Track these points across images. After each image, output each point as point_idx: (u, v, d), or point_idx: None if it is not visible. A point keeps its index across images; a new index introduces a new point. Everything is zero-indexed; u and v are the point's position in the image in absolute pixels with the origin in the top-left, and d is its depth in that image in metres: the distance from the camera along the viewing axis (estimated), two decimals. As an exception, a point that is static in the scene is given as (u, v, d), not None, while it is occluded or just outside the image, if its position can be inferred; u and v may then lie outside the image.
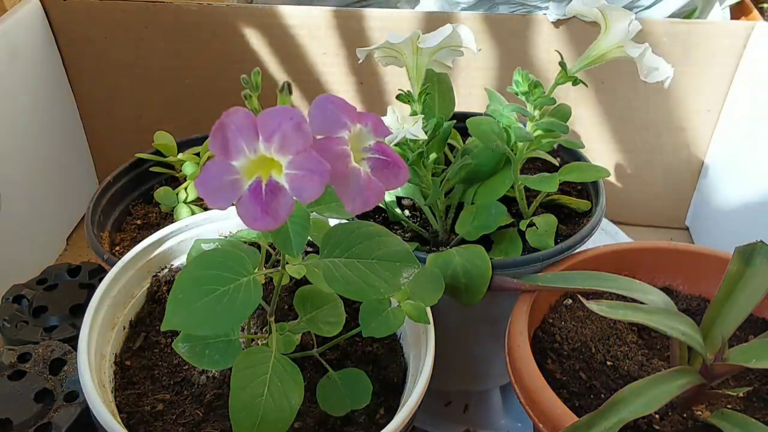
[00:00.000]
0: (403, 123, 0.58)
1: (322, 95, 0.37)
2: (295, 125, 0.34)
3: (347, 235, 0.44)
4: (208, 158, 0.77)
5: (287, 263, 0.45)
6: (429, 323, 0.52)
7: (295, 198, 0.35)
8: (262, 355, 0.44)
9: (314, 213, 0.44)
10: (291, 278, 0.46)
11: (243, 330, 0.54)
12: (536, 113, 0.61)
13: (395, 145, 0.59)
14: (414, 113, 0.62)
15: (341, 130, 0.37)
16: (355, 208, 0.37)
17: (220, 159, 0.35)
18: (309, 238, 0.42)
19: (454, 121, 0.65)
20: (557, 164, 0.69)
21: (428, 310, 0.52)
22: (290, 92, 0.38)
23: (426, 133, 0.60)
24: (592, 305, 0.50)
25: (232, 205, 0.35)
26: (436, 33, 0.58)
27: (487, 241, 0.64)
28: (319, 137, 0.36)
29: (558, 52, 0.61)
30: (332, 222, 0.59)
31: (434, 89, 0.67)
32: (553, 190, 0.64)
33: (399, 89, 0.64)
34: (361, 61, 0.61)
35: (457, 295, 0.57)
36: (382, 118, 0.48)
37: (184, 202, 0.76)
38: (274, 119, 0.34)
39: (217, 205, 0.35)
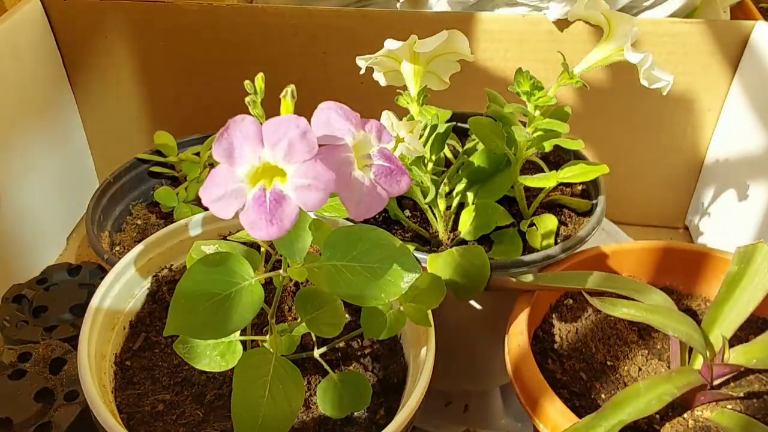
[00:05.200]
0: (399, 129, 0.58)
1: (325, 103, 0.37)
2: (300, 134, 0.34)
3: (349, 238, 0.44)
4: (209, 158, 0.77)
5: (288, 266, 0.45)
6: (430, 326, 0.52)
7: (299, 206, 0.35)
8: (263, 356, 0.44)
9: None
10: (291, 278, 0.46)
11: (243, 331, 0.54)
12: (537, 114, 0.61)
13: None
14: (411, 118, 0.63)
15: (345, 138, 0.37)
16: (359, 215, 0.37)
17: (224, 167, 0.35)
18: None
19: (453, 123, 0.65)
20: (547, 170, 0.69)
21: (429, 311, 0.52)
22: (294, 97, 0.38)
23: (422, 136, 0.61)
24: (595, 301, 0.50)
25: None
26: (432, 38, 0.58)
27: (487, 241, 0.64)
28: (322, 145, 0.36)
29: (561, 53, 0.61)
30: (331, 222, 0.59)
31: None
32: (552, 185, 0.64)
33: (398, 90, 0.64)
34: (362, 71, 0.62)
35: (455, 292, 0.57)
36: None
37: (184, 201, 0.76)
38: (280, 127, 0.34)
39: (220, 214, 0.35)
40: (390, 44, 0.59)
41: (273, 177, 0.35)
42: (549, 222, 0.64)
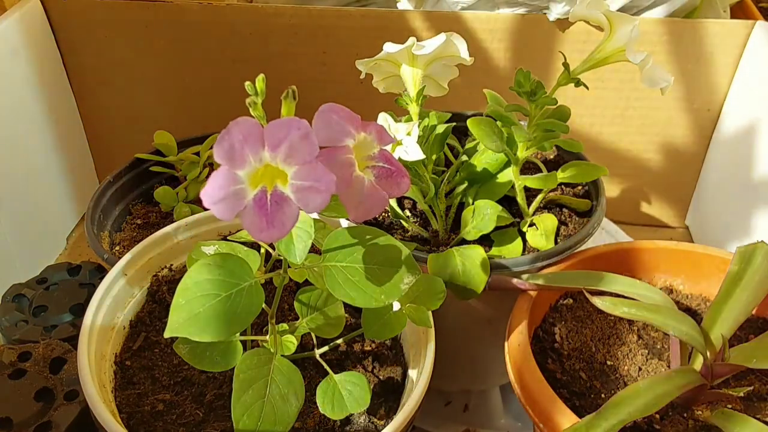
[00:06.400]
0: (396, 131, 0.58)
1: (326, 105, 0.37)
2: (302, 135, 0.34)
3: (349, 240, 0.44)
4: (208, 158, 0.77)
5: (288, 266, 0.45)
6: (430, 326, 0.52)
7: (300, 208, 0.35)
8: (264, 357, 0.44)
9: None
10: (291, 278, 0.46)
11: (244, 331, 0.54)
12: (537, 114, 0.61)
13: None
14: (409, 119, 0.63)
15: (346, 140, 0.37)
16: (359, 216, 0.37)
17: (225, 168, 0.35)
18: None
19: (453, 123, 0.65)
20: (545, 171, 0.69)
21: (429, 312, 0.52)
22: (295, 98, 0.38)
23: (421, 137, 0.60)
24: (596, 300, 0.50)
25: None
26: (430, 41, 0.58)
27: (487, 241, 0.64)
28: (323, 147, 0.36)
29: (562, 53, 0.61)
30: (332, 222, 0.59)
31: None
32: (553, 186, 0.64)
33: (397, 92, 0.64)
34: (362, 76, 0.61)
35: (455, 291, 0.58)
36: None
37: (184, 201, 0.76)
38: (281, 129, 0.34)
39: (222, 216, 0.35)
40: (389, 47, 0.59)
41: (274, 179, 0.35)
42: (549, 222, 0.64)
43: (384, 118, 0.60)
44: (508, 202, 0.66)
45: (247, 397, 0.42)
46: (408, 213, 0.69)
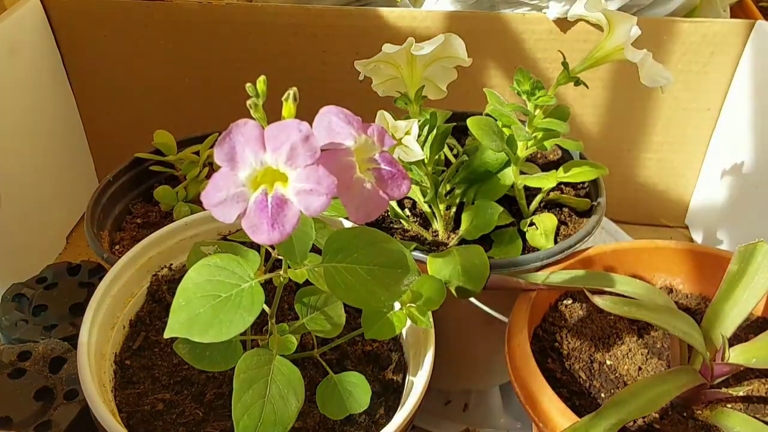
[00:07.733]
0: (394, 130, 0.58)
1: (327, 107, 0.37)
2: (303, 138, 0.34)
3: (349, 240, 0.44)
4: (208, 157, 0.77)
5: (288, 267, 0.45)
6: (430, 326, 0.52)
7: (301, 210, 0.35)
8: (264, 357, 0.44)
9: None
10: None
11: (244, 331, 0.54)
12: (537, 113, 0.61)
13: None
14: (407, 117, 0.63)
15: (347, 142, 0.37)
16: (359, 218, 0.37)
17: (226, 170, 0.35)
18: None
19: (453, 122, 0.65)
20: (540, 171, 0.69)
21: (429, 312, 0.52)
22: (296, 100, 0.38)
23: (420, 136, 0.60)
24: (596, 299, 0.50)
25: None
26: (429, 42, 0.58)
27: (487, 241, 0.64)
28: (324, 149, 0.36)
29: (561, 52, 0.61)
30: (331, 222, 0.59)
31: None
32: (552, 186, 0.64)
33: (397, 91, 0.64)
34: (361, 79, 0.61)
35: (455, 291, 0.58)
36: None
37: (184, 200, 0.76)
38: (282, 131, 0.34)
39: (222, 218, 0.35)
40: (387, 48, 0.59)
41: (275, 181, 0.35)
42: (549, 221, 0.64)
43: (383, 116, 0.60)
44: (508, 201, 0.66)
45: (248, 397, 0.42)
46: (408, 213, 0.69)
